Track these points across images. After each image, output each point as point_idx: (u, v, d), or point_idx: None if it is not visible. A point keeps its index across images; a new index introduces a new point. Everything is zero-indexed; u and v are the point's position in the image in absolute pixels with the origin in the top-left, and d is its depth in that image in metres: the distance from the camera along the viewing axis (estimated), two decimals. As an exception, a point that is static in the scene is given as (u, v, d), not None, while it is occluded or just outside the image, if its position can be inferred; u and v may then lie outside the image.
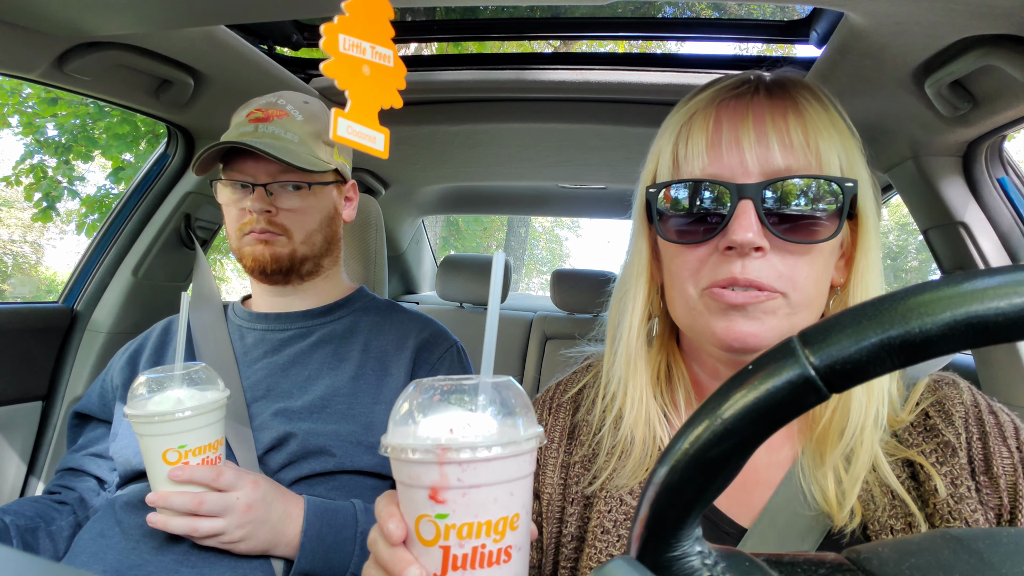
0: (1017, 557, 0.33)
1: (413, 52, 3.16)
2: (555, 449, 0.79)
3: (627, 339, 0.75)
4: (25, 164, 6.46)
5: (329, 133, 0.51)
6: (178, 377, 0.93)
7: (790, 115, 0.66)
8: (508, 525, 0.48)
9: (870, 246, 0.69)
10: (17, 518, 1.02)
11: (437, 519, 0.47)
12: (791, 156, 0.64)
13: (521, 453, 0.48)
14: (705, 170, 0.67)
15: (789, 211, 0.64)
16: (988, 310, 0.29)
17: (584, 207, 3.13)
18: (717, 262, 0.66)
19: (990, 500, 0.63)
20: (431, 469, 0.47)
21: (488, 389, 0.50)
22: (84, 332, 1.86)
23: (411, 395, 0.51)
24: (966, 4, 0.92)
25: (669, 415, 0.75)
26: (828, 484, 0.64)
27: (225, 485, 0.93)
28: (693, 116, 0.69)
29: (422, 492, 0.47)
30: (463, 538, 0.47)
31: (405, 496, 0.49)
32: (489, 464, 0.47)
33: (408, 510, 0.49)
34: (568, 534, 0.74)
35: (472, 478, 0.47)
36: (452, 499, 0.47)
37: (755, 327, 0.64)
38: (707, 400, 0.36)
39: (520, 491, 0.49)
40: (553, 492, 0.77)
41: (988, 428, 0.65)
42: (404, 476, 0.49)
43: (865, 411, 0.64)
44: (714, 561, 0.36)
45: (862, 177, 0.68)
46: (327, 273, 1.30)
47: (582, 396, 0.83)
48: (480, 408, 0.49)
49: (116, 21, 1.16)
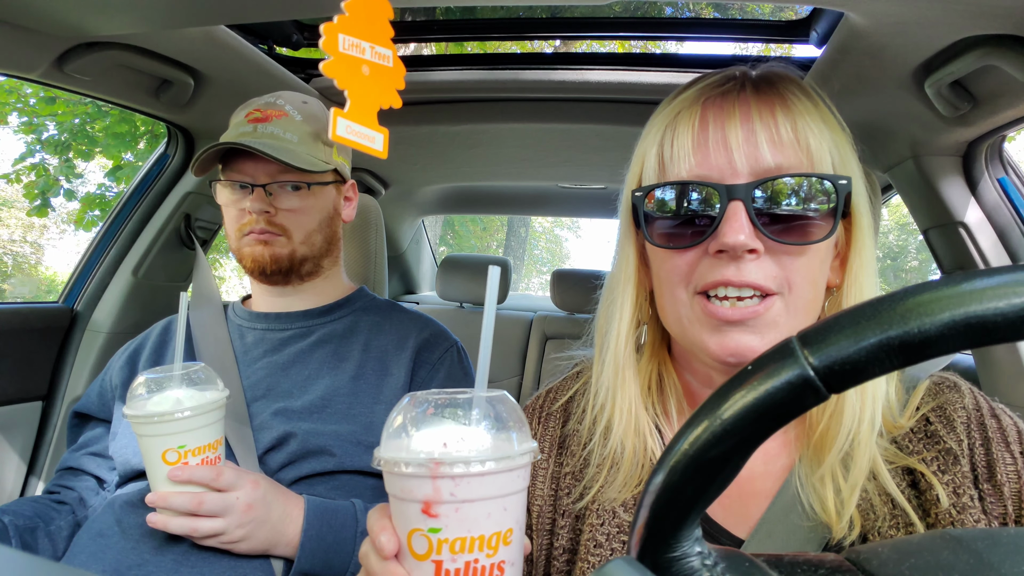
0: (1017, 557, 0.33)
1: (413, 52, 3.16)
2: (545, 460, 0.77)
3: (615, 348, 0.72)
4: (26, 162, 6.48)
5: (328, 133, 0.51)
6: (177, 377, 0.93)
7: (778, 111, 0.63)
8: (501, 540, 0.48)
9: (864, 245, 0.67)
10: (16, 518, 1.02)
11: (430, 533, 0.47)
12: (781, 154, 0.62)
13: (515, 468, 0.48)
14: (692, 171, 0.65)
15: (781, 211, 0.62)
16: (987, 310, 0.29)
17: (584, 207, 3.13)
18: (709, 266, 0.63)
19: (994, 509, 0.60)
20: (424, 483, 0.46)
21: (482, 403, 0.50)
22: (84, 332, 1.86)
23: (405, 408, 0.51)
24: (966, 4, 0.92)
25: (661, 426, 0.73)
26: (827, 493, 0.62)
27: (225, 485, 0.93)
28: (678, 115, 0.67)
29: (415, 506, 0.47)
30: (456, 553, 0.46)
31: (398, 509, 0.49)
32: (483, 479, 0.47)
33: (400, 524, 0.49)
34: (560, 547, 0.73)
35: (465, 492, 0.46)
36: (445, 513, 0.46)
37: (755, 340, 0.62)
38: (707, 400, 0.36)
39: (514, 506, 0.49)
40: (544, 504, 0.75)
41: (991, 433, 0.63)
42: (397, 490, 0.49)
43: (859, 415, 0.62)
44: (714, 561, 0.36)
45: (855, 174, 0.65)
46: (327, 273, 1.30)
47: (572, 405, 0.80)
48: (474, 422, 0.49)
49: (116, 21, 1.16)
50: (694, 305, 0.65)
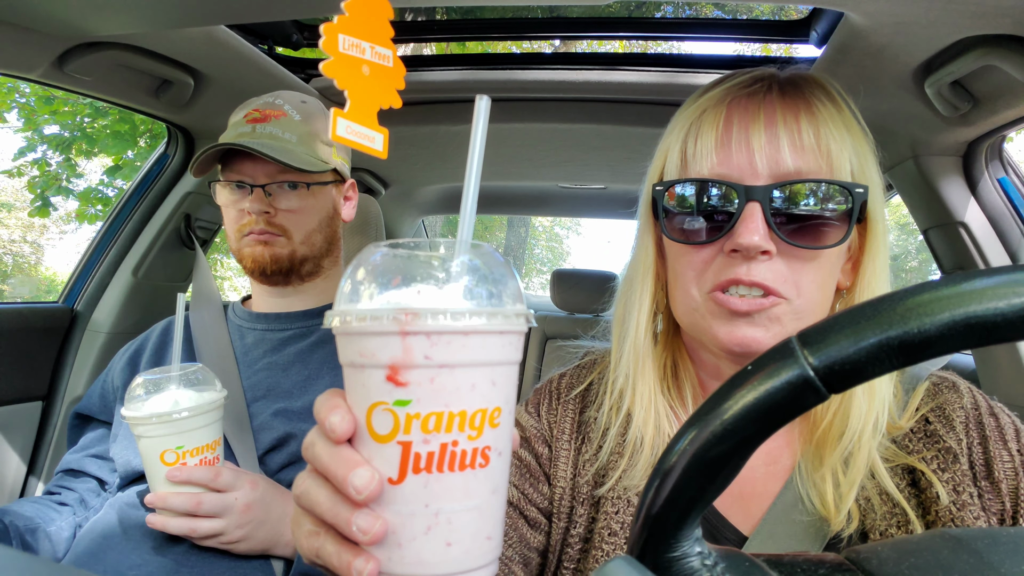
0: (1017, 557, 0.33)
1: (412, 52, 3.16)
2: (567, 442, 0.77)
3: (634, 337, 0.74)
4: (27, 158, 6.49)
5: (328, 133, 0.51)
6: (175, 378, 0.93)
7: (802, 116, 0.64)
8: (487, 420, 0.38)
9: (878, 251, 0.68)
10: (16, 519, 1.02)
11: (396, 407, 0.37)
12: (801, 158, 0.63)
13: (507, 331, 0.39)
14: (713, 169, 0.65)
15: (797, 214, 0.63)
16: (987, 310, 0.29)
17: (584, 207, 3.13)
18: (722, 264, 0.65)
19: (992, 505, 0.62)
20: (391, 341, 0.37)
21: (466, 251, 0.40)
22: (84, 332, 1.86)
23: (364, 258, 0.41)
24: (966, 4, 0.92)
25: (677, 411, 0.74)
26: (826, 488, 0.64)
27: (223, 485, 0.93)
28: (704, 114, 0.68)
29: (378, 373, 0.37)
30: (428, 432, 0.37)
31: (355, 381, 0.39)
32: (466, 339, 0.37)
33: (358, 400, 0.39)
34: (576, 534, 0.73)
35: (443, 355, 0.37)
36: (416, 381, 0.37)
37: (760, 333, 0.64)
38: (707, 400, 0.36)
39: (504, 381, 0.39)
40: (565, 487, 0.75)
41: (989, 432, 0.64)
42: (354, 354, 0.38)
43: (865, 416, 0.64)
44: (714, 561, 0.36)
45: (873, 182, 0.66)
46: (327, 273, 1.30)
47: (590, 394, 0.81)
48: (454, 275, 0.39)
49: (116, 21, 1.16)
50: (706, 300, 0.66)
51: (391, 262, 0.40)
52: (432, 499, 0.38)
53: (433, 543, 0.38)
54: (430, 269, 0.39)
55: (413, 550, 0.38)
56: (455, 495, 0.38)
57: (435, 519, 0.38)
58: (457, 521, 0.38)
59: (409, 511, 0.38)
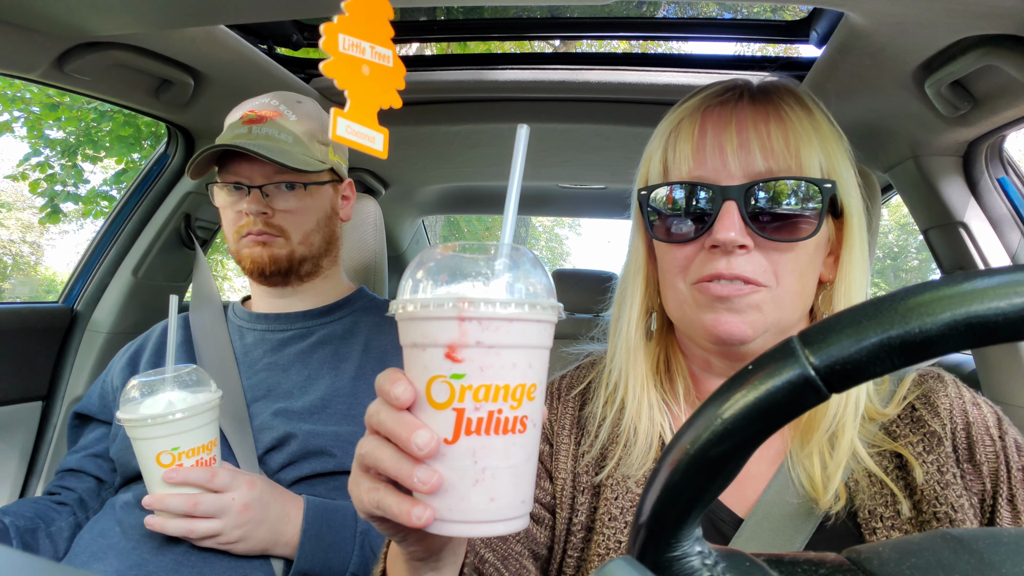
0: (1017, 557, 0.33)
1: (414, 52, 3.16)
2: (566, 437, 0.82)
3: (627, 333, 0.79)
4: (32, 161, 6.51)
5: (328, 133, 0.51)
6: (169, 380, 0.93)
7: (772, 122, 0.70)
8: (526, 394, 0.46)
9: (855, 243, 0.73)
10: (17, 519, 1.02)
11: (452, 379, 0.45)
12: (772, 159, 0.69)
13: (542, 320, 0.47)
14: (691, 173, 0.72)
15: (770, 211, 0.69)
16: (988, 310, 0.29)
17: (584, 207, 3.13)
18: (704, 259, 0.70)
19: (973, 486, 0.67)
20: (450, 325, 0.45)
21: (509, 253, 0.49)
22: (84, 332, 1.86)
23: (422, 260, 0.49)
24: (966, 4, 0.92)
25: (669, 403, 0.79)
26: (814, 468, 0.68)
27: (220, 486, 0.93)
28: (680, 123, 0.74)
29: (438, 351, 0.45)
30: (479, 400, 0.45)
31: (416, 359, 0.47)
32: (510, 325, 0.45)
33: (418, 374, 0.47)
34: (578, 522, 0.77)
35: (492, 338, 0.45)
36: (470, 358, 0.45)
37: (739, 319, 0.69)
38: (707, 400, 0.36)
39: (538, 362, 0.48)
40: (566, 479, 0.80)
41: (972, 419, 0.70)
42: (418, 336, 0.47)
43: (844, 400, 0.69)
44: (714, 561, 0.36)
45: (843, 177, 0.71)
46: (326, 273, 1.30)
47: (589, 391, 0.86)
48: (498, 273, 0.48)
49: (116, 21, 1.16)
50: (691, 290, 0.72)
51: (448, 261, 0.48)
52: (480, 457, 0.46)
53: (479, 495, 0.46)
54: (479, 267, 0.48)
55: (463, 501, 0.46)
56: (498, 455, 0.46)
57: (482, 474, 0.46)
58: (499, 477, 0.46)
59: (461, 466, 0.46)
